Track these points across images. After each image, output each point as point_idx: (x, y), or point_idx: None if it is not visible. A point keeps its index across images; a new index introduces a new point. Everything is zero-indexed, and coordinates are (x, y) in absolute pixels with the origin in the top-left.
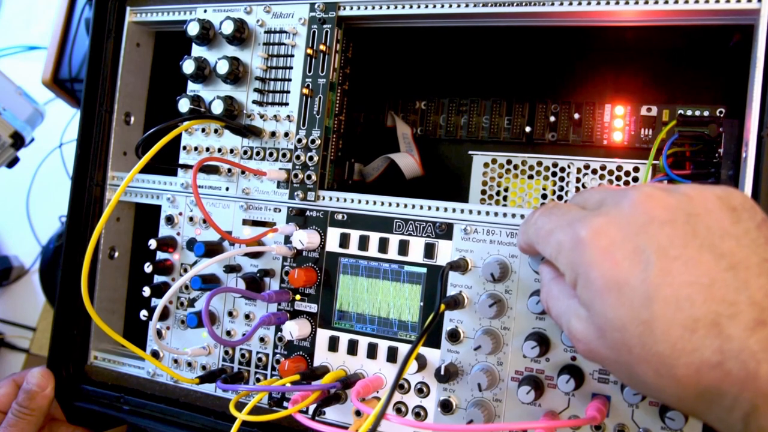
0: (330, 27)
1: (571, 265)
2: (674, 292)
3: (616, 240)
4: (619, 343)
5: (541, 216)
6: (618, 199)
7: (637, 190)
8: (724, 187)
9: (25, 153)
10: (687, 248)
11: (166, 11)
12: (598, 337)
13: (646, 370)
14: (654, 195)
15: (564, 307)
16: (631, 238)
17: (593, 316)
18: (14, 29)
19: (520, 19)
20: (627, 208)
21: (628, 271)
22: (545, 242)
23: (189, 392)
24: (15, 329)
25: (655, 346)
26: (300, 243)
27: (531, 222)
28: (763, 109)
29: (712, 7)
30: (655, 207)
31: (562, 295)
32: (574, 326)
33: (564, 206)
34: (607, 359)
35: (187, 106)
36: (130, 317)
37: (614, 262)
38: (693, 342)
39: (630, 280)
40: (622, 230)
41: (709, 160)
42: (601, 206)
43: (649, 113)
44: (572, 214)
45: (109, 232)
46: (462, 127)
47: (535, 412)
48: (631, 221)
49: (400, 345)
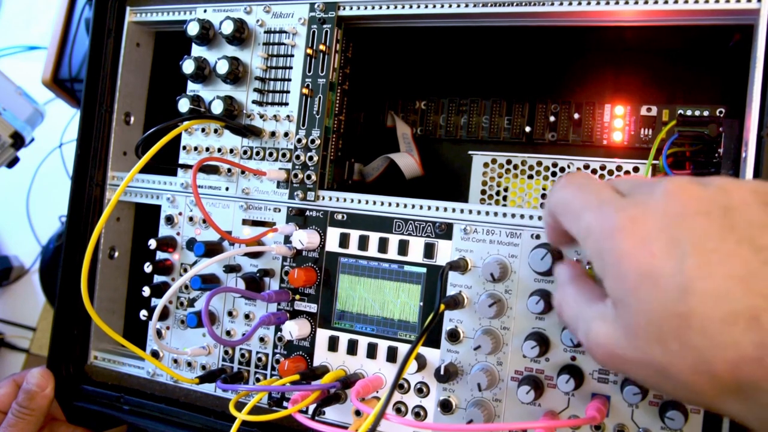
0: (330, 27)
1: (600, 253)
2: (712, 285)
3: (651, 231)
4: (653, 339)
5: (570, 188)
6: (650, 188)
7: (671, 181)
8: (760, 182)
9: (25, 153)
10: (724, 241)
11: (166, 11)
12: (626, 338)
13: (681, 367)
14: (689, 187)
15: (582, 311)
16: (667, 230)
17: (623, 313)
18: (14, 29)
19: (520, 19)
20: (662, 199)
21: (664, 263)
22: (572, 219)
23: (189, 392)
24: (15, 329)
25: (692, 340)
26: (300, 243)
27: (557, 191)
28: (763, 109)
29: (712, 7)
30: (690, 199)
31: (580, 298)
32: (595, 329)
33: (596, 183)
34: (633, 363)
35: (187, 106)
36: (130, 317)
37: (649, 254)
38: (732, 336)
39: (665, 273)
40: (657, 221)
41: (709, 160)
42: (632, 194)
43: (649, 113)
44: (604, 195)
45: (109, 232)
46: (462, 127)
47: (534, 412)
48: (667, 212)
49: (399, 345)
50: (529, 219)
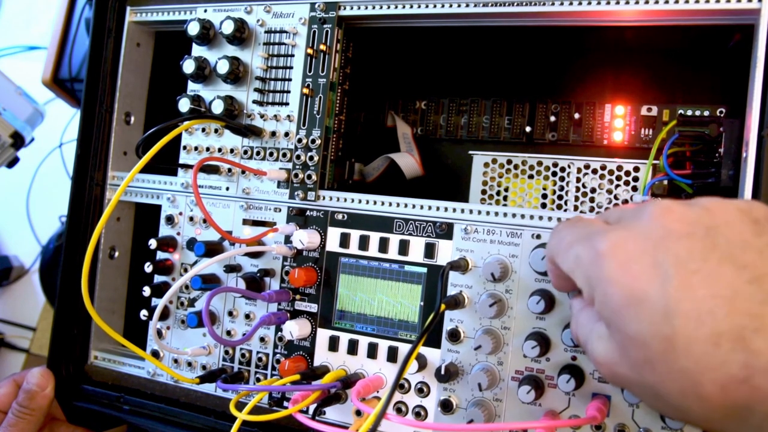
0: (330, 27)
1: (588, 280)
2: (695, 306)
3: (633, 254)
4: (642, 360)
5: (564, 228)
6: (636, 213)
7: (656, 204)
8: (746, 200)
9: (25, 153)
10: (707, 261)
11: (166, 11)
12: (621, 356)
13: (670, 389)
14: (672, 208)
15: (588, 332)
16: (649, 252)
17: (614, 333)
18: (14, 29)
19: (520, 19)
20: (645, 222)
21: (647, 285)
22: (564, 255)
23: (189, 392)
24: (15, 329)
25: (678, 362)
26: (300, 243)
27: (554, 233)
28: (763, 109)
29: (712, 7)
30: (673, 220)
31: (587, 321)
32: (595, 347)
33: (587, 220)
34: (631, 381)
35: (187, 105)
36: (130, 317)
37: (632, 277)
38: (718, 357)
39: (649, 295)
40: (640, 244)
41: (710, 160)
42: (620, 221)
43: (649, 113)
44: (592, 228)
45: (109, 232)
46: (462, 127)
47: (535, 412)
48: (649, 235)
49: (400, 345)
50: (530, 219)
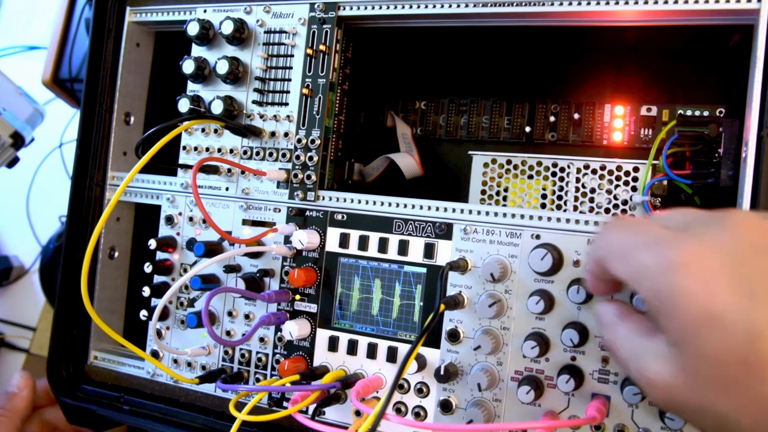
0: (330, 27)
1: (656, 293)
2: None
3: (713, 267)
4: (714, 383)
5: (617, 229)
6: (710, 223)
7: (737, 214)
8: None
9: (25, 153)
10: None
11: (166, 11)
12: (685, 379)
13: (742, 415)
14: (753, 221)
15: (638, 348)
16: (731, 266)
17: (682, 354)
18: (14, 29)
19: (520, 19)
20: (725, 234)
21: (730, 303)
22: (622, 261)
23: (189, 392)
24: (15, 329)
25: (759, 389)
26: (300, 243)
27: (604, 235)
28: (763, 109)
29: (711, 7)
30: (757, 234)
31: (632, 335)
32: (651, 368)
33: (643, 221)
34: (692, 406)
35: (186, 106)
36: (130, 317)
37: (711, 292)
38: None
39: (731, 314)
40: (720, 257)
41: (709, 160)
42: (687, 229)
43: (649, 113)
44: (656, 233)
45: (109, 232)
46: (462, 127)
47: (534, 412)
48: (732, 249)
49: (399, 345)
50: (529, 219)
